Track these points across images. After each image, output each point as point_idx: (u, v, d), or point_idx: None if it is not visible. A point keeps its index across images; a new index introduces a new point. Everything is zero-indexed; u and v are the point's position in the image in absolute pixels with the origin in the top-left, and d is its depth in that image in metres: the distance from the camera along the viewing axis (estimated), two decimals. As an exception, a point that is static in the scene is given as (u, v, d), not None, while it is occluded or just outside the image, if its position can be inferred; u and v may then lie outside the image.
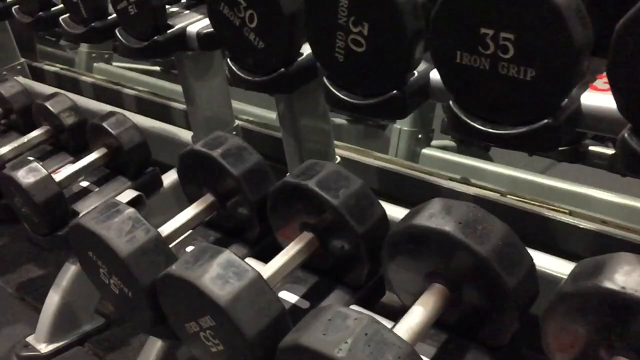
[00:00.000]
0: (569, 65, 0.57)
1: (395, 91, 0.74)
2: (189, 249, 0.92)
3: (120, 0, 1.07)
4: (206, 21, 1.09)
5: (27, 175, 0.99)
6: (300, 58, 0.88)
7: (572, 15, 0.55)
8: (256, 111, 1.71)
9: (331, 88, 0.80)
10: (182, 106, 1.56)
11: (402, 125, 1.46)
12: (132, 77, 2.00)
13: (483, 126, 0.67)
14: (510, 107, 0.64)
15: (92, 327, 1.15)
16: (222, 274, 0.65)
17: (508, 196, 1.02)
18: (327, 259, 0.80)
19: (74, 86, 1.80)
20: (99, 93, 1.74)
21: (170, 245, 0.79)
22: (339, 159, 1.11)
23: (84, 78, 1.78)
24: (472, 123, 0.68)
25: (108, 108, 1.54)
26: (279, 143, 1.35)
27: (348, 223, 0.73)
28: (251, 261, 0.80)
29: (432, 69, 0.78)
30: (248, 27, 0.86)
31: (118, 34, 1.12)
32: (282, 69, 0.86)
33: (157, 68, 2.20)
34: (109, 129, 1.09)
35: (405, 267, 0.70)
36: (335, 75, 0.80)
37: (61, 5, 1.28)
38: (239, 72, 0.92)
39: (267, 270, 0.74)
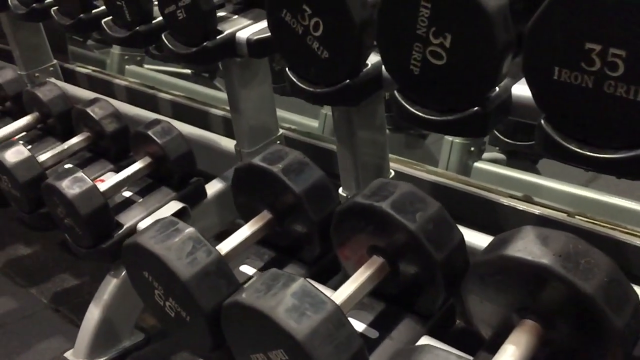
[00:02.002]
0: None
1: (476, 108, 0.69)
2: (243, 267, 0.88)
3: (169, 3, 1.02)
4: (256, 27, 1.05)
5: (72, 186, 0.95)
6: (366, 69, 0.83)
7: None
8: (296, 118, 1.66)
9: (403, 102, 0.75)
10: (221, 112, 1.51)
11: (454, 138, 1.40)
12: (165, 81, 1.96)
13: (580, 149, 0.62)
14: (614, 130, 0.59)
15: (132, 343, 1.11)
16: (297, 305, 0.60)
17: (576, 217, 0.97)
18: (396, 285, 0.75)
19: (107, 89, 1.76)
20: (134, 97, 1.70)
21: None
22: (393, 172, 1.06)
23: (117, 81, 1.73)
24: (567, 145, 0.62)
25: (143, 112, 1.50)
26: (324, 153, 1.31)
27: (425, 249, 0.68)
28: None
29: (513, 84, 0.73)
30: (312, 35, 0.81)
31: (164, 39, 1.07)
32: (348, 81, 0.81)
33: (189, 71, 2.16)
34: (154, 137, 1.05)
35: (490, 299, 0.64)
36: (409, 88, 0.75)
37: (102, 8, 1.24)
38: (298, 83, 0.87)
39: (337, 298, 0.69)
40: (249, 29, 1.04)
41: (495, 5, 0.64)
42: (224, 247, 0.80)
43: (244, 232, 0.83)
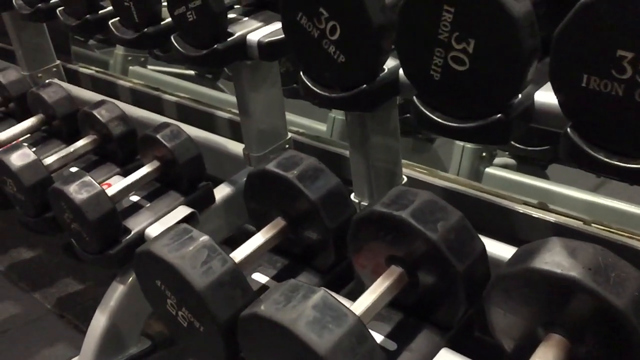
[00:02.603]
0: None
1: (499, 115, 0.68)
2: (255, 275, 0.86)
3: (179, 5, 1.00)
4: (267, 29, 1.03)
5: (80, 191, 0.93)
6: (383, 73, 0.81)
7: None
8: (303, 122, 1.64)
9: (422, 108, 0.74)
10: (227, 115, 1.50)
11: (466, 143, 1.38)
12: (169, 82, 1.94)
13: (609, 158, 0.60)
14: (646, 140, 0.57)
15: (139, 350, 1.09)
16: (318, 317, 0.58)
17: (593, 225, 0.95)
18: (414, 295, 0.73)
19: (111, 90, 1.74)
20: (138, 98, 1.68)
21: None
22: (405, 178, 1.04)
23: (121, 82, 1.71)
24: (595, 154, 0.61)
25: (148, 114, 1.49)
26: (334, 157, 1.29)
27: (447, 259, 0.66)
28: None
29: (536, 90, 0.72)
30: (328, 39, 0.79)
31: (173, 41, 1.06)
32: (364, 86, 0.80)
33: (192, 72, 2.14)
34: (163, 141, 1.03)
35: (515, 312, 0.63)
36: (429, 94, 0.73)
37: (109, 8, 1.23)
38: (313, 87, 0.85)
39: (356, 309, 0.67)
40: (259, 31, 1.02)
41: (522, 10, 0.62)
42: (238, 255, 0.78)
43: (258, 239, 0.81)
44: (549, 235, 1.01)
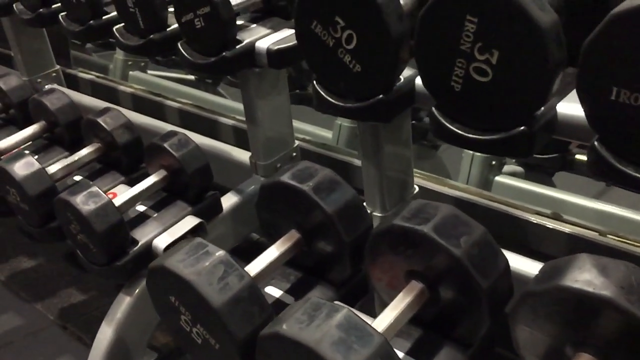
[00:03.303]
0: None
1: (522, 127, 0.66)
2: (269, 289, 0.84)
3: (186, 11, 0.99)
4: (275, 36, 1.02)
5: (87, 202, 0.91)
6: (399, 83, 0.79)
7: None
8: (309, 129, 1.62)
9: (442, 119, 0.72)
10: (230, 121, 1.48)
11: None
12: (170, 87, 1.92)
13: (638, 172, 0.59)
14: (678, 155, 0.56)
15: (145, 363, 1.07)
16: (344, 338, 0.56)
17: (608, 236, 0.94)
18: (435, 311, 0.72)
19: (112, 96, 1.72)
20: (139, 104, 1.66)
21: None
22: (417, 188, 1.03)
23: (122, 88, 1.69)
24: (623, 168, 0.60)
25: (150, 121, 1.47)
26: (341, 165, 1.28)
27: (471, 275, 0.65)
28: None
29: (559, 101, 0.71)
30: (344, 48, 0.78)
31: (180, 48, 1.04)
32: (381, 96, 0.78)
33: (192, 77, 2.12)
34: (171, 150, 1.01)
35: (542, 331, 0.61)
36: (448, 105, 0.72)
37: (113, 13, 1.20)
38: (327, 97, 0.83)
39: (377, 326, 0.65)
40: (268, 38, 1.01)
41: (549, 21, 0.61)
42: (252, 269, 0.76)
43: (272, 253, 0.79)
44: (563, 247, 1.00)
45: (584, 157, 1.45)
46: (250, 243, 1.35)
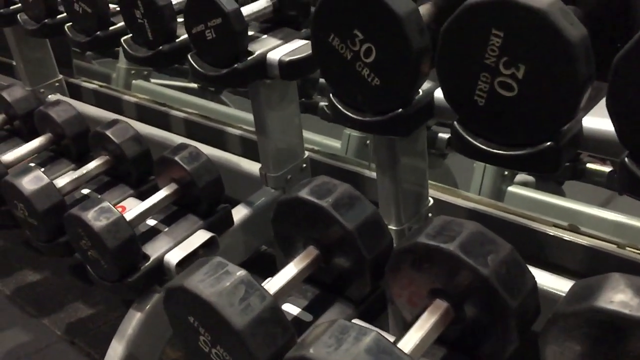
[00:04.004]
0: None
1: (549, 142, 0.65)
2: (286, 307, 0.82)
3: (197, 23, 0.97)
4: (287, 47, 1.00)
5: (98, 217, 0.89)
6: (418, 96, 0.78)
7: None
8: (317, 139, 1.61)
9: (464, 134, 0.71)
10: (237, 131, 1.47)
11: (487, 161, 1.35)
12: (173, 96, 1.90)
13: (671, 189, 0.58)
14: None
15: (156, 379, 1.05)
16: (373, 362, 0.55)
17: (627, 248, 0.93)
18: (458, 330, 0.70)
19: (115, 105, 1.70)
20: (144, 114, 1.64)
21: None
22: (431, 200, 1.01)
23: (127, 97, 1.67)
24: (655, 185, 0.58)
25: (155, 131, 1.45)
26: (351, 176, 1.26)
27: (499, 295, 0.64)
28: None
29: (584, 116, 0.69)
30: (362, 61, 0.77)
31: (191, 60, 1.02)
32: (400, 110, 0.77)
33: (195, 85, 2.11)
34: (182, 163, 1.00)
35: (574, 352, 0.60)
36: (471, 120, 0.70)
37: (120, 24, 1.19)
38: (344, 110, 0.82)
39: (403, 347, 0.64)
40: (280, 49, 1.00)
41: (579, 35, 0.60)
42: (271, 287, 0.75)
43: (291, 270, 0.78)
44: (581, 259, 0.99)
45: (594, 166, 1.44)
46: (258, 254, 1.33)
